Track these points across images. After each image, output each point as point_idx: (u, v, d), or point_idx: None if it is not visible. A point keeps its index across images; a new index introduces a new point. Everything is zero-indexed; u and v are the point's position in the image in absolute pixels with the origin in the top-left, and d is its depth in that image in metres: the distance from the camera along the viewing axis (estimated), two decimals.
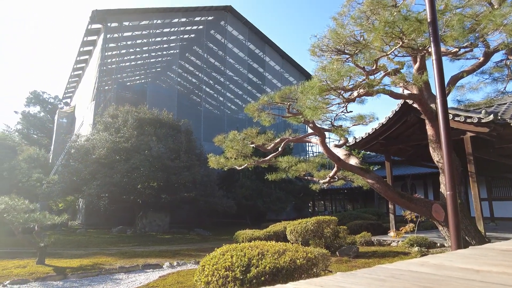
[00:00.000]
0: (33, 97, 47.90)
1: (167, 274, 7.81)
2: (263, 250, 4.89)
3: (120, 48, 29.77)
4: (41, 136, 46.21)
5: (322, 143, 6.61)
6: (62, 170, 19.56)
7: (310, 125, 6.50)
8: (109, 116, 19.74)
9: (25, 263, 8.67)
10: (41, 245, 8.86)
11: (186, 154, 18.60)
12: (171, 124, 20.07)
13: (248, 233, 11.01)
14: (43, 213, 9.10)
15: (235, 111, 42.27)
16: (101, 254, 10.74)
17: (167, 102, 26.15)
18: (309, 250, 5.28)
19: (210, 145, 18.19)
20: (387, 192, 6.38)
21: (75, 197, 21.76)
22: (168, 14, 29.29)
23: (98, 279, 7.50)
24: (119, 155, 17.28)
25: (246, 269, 4.50)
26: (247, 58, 35.39)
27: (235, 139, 7.52)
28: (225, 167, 7.98)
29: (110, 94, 26.89)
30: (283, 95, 6.21)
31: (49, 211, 13.14)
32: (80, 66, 34.44)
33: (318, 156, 9.58)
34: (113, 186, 16.17)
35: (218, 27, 34.25)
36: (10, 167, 24.14)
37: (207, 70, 36.25)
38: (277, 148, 7.35)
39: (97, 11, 24.77)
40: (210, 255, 4.97)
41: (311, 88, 5.47)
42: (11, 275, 7.48)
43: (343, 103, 6.12)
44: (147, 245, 13.35)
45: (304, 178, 8.78)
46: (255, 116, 6.69)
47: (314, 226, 9.52)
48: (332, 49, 6.02)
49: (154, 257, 10.18)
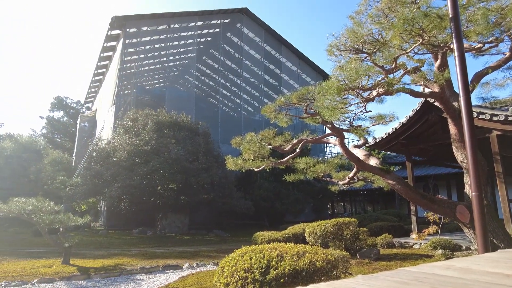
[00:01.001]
0: (56, 103, 49.59)
1: (187, 275, 7.89)
2: (282, 252, 4.86)
3: (139, 53, 30.43)
4: (64, 140, 47.74)
5: (341, 144, 6.52)
6: (84, 173, 20.12)
7: (328, 125, 6.42)
8: (129, 120, 20.16)
9: (51, 263, 8.96)
10: (66, 245, 9.14)
11: (204, 156, 18.78)
12: (189, 126, 20.31)
13: (267, 235, 10.99)
14: (67, 215, 9.39)
15: (251, 113, 42.37)
16: (123, 255, 10.97)
17: (185, 105, 26.48)
18: (329, 252, 5.22)
19: (227, 147, 18.29)
20: (408, 193, 6.23)
21: (97, 199, 22.32)
22: (185, 18, 29.70)
23: (120, 279, 7.66)
24: (139, 157, 17.62)
25: (265, 271, 4.49)
26: (263, 60, 35.43)
27: (252, 140, 7.52)
28: (242, 169, 8.00)
29: (130, 98, 27.49)
30: (300, 96, 6.16)
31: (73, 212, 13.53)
32: (101, 71, 35.38)
33: (337, 157, 9.46)
34: (133, 188, 16.50)
35: (234, 29, 34.46)
36: (37, 170, 25.06)
37: (224, 73, 36.51)
38: (295, 149, 7.30)
39: (116, 17, 25.40)
40: (229, 257, 4.98)
41: (329, 88, 5.41)
42: (39, 274, 7.76)
43: (362, 102, 6.01)
44: (167, 246, 13.54)
45: (323, 180, 8.68)
46: (272, 117, 6.67)
47: (334, 228, 9.41)
48: (350, 48, 5.94)
49: (174, 258, 10.31)
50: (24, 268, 8.27)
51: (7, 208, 8.63)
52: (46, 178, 24.42)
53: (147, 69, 38.25)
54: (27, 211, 8.72)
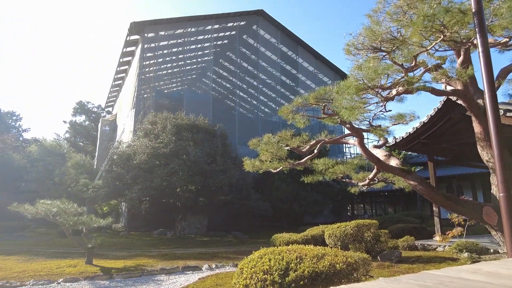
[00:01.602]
0: (79, 107, 51.14)
1: (206, 276, 7.95)
2: (301, 254, 4.82)
3: (157, 57, 30.98)
4: (86, 143, 49.14)
5: (360, 144, 6.41)
6: (106, 175, 20.61)
7: (347, 125, 6.33)
8: (148, 123, 20.54)
9: (76, 263, 9.22)
10: (89, 246, 9.39)
11: (222, 158, 18.90)
12: (207, 129, 20.50)
13: (285, 237, 10.94)
14: (89, 216, 9.66)
15: (268, 114, 42.34)
16: (143, 256, 11.16)
17: (203, 108, 26.76)
18: (349, 254, 5.13)
19: (244, 148, 18.33)
20: (430, 194, 6.05)
21: (118, 201, 22.83)
22: (201, 22, 30.04)
23: (141, 280, 7.79)
24: (159, 160, 17.91)
25: (284, 273, 4.46)
26: (280, 61, 35.39)
27: (270, 142, 7.50)
28: (260, 170, 7.98)
29: (149, 101, 28.02)
30: (317, 96, 6.10)
31: (95, 214, 13.91)
32: (120, 76, 36.24)
33: (356, 157, 9.31)
34: (153, 190, 16.77)
35: (250, 31, 34.59)
36: (61, 173, 25.92)
37: (241, 75, 36.67)
38: (313, 150, 7.23)
39: (135, 23, 25.99)
40: (248, 258, 4.98)
41: (347, 88, 5.33)
42: (64, 273, 8.00)
43: (381, 102, 5.90)
44: (186, 247, 13.68)
45: (342, 181, 8.55)
46: (289, 118, 6.63)
47: (354, 230, 9.26)
48: (368, 47, 5.84)
49: (193, 259, 10.40)
50: (51, 268, 8.55)
51: (34, 210, 8.95)
52: (70, 181, 25.23)
53: (165, 73, 38.90)
54: (53, 213, 9.02)
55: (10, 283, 7.14)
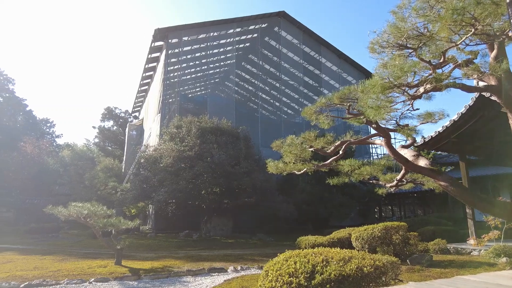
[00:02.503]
0: (107, 113, 53.01)
1: (232, 278, 7.97)
2: (327, 257, 4.75)
3: (181, 62, 31.59)
4: (114, 147, 50.80)
5: (387, 144, 6.23)
6: (133, 179, 21.19)
7: (373, 125, 6.17)
8: (173, 127, 20.96)
9: (106, 263, 9.53)
10: (118, 247, 9.68)
11: (245, 160, 18.97)
12: (230, 131, 20.66)
13: (311, 239, 10.81)
14: (118, 218, 9.95)
15: (291, 116, 42.14)
16: (170, 257, 11.36)
17: (226, 111, 27.02)
18: (377, 257, 5.00)
19: (268, 150, 18.30)
20: (463, 195, 5.78)
21: (145, 203, 23.41)
22: (223, 26, 30.38)
23: (168, 281, 7.93)
24: (184, 163, 18.22)
25: (310, 276, 4.40)
26: (302, 61, 35.16)
27: (293, 143, 7.43)
28: (284, 172, 7.92)
29: (174, 106, 28.61)
30: (342, 96, 5.99)
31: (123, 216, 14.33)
32: (146, 82, 37.24)
33: (383, 158, 9.05)
34: (179, 192, 17.08)
35: (272, 33, 34.61)
36: (91, 176, 26.91)
37: (263, 77, 36.73)
38: (338, 151, 7.09)
39: (159, 29, 26.66)
40: (273, 261, 4.95)
41: (373, 87, 5.20)
42: (95, 273, 8.29)
43: (408, 100, 5.71)
44: (212, 249, 13.81)
45: (369, 182, 8.35)
46: (312, 119, 6.54)
47: (382, 233, 9.02)
48: (393, 44, 5.67)
49: (219, 261, 10.48)
50: (83, 268, 8.88)
51: (67, 212, 9.34)
52: (99, 184, 26.14)
53: (189, 77, 39.60)
54: (84, 215, 9.37)
55: (46, 281, 7.49)
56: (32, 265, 9.37)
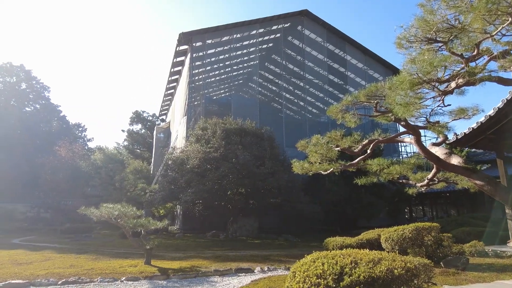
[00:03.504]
0: (135, 117, 54.69)
1: (259, 279, 7.97)
2: (356, 258, 4.64)
3: (205, 65, 32.07)
4: (143, 150, 52.29)
5: (417, 142, 6.01)
6: (161, 180, 21.68)
7: (401, 123, 5.97)
8: (199, 129, 21.28)
9: (136, 263, 9.80)
10: (147, 247, 9.92)
11: (270, 160, 18.94)
12: (255, 132, 20.71)
13: (338, 241, 10.62)
14: (147, 219, 10.21)
15: (316, 115, 41.69)
16: (198, 257, 11.52)
17: (250, 112, 27.12)
18: (408, 259, 4.82)
19: (292, 150, 18.16)
20: (501, 194, 5.47)
21: (173, 204, 23.91)
22: (246, 27, 30.53)
23: (196, 281, 8.04)
24: (210, 164, 18.46)
25: (338, 278, 4.31)
26: (327, 59, 34.70)
27: (319, 143, 7.31)
28: (309, 172, 7.81)
29: (199, 108, 29.06)
30: (368, 93, 5.83)
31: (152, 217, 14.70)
32: (172, 86, 38.06)
33: (413, 156, 8.73)
34: (205, 193, 17.31)
35: (295, 32, 34.40)
36: (121, 178, 27.85)
37: (286, 77, 36.58)
38: (365, 150, 6.91)
39: (183, 33, 27.17)
40: (301, 262, 4.90)
41: (401, 83, 5.03)
42: (126, 272, 8.54)
43: (438, 96, 5.48)
44: (238, 250, 13.88)
45: (398, 182, 8.08)
46: (338, 118, 6.41)
47: (413, 234, 8.71)
48: (421, 38, 5.46)
49: (246, 262, 10.51)
50: (114, 267, 9.18)
51: (98, 213, 9.69)
52: (129, 186, 26.99)
53: (213, 80, 40.11)
54: (114, 216, 9.69)
55: (81, 279, 7.81)
56: (68, 263, 9.80)
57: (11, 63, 38.60)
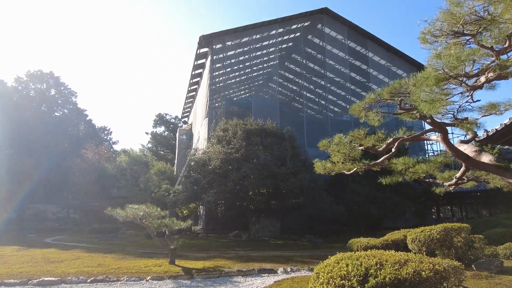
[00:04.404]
0: (158, 119, 55.89)
1: (282, 280, 7.94)
2: (381, 259, 4.53)
3: (226, 67, 32.30)
4: (166, 152, 53.33)
5: (444, 140, 5.79)
6: (184, 181, 22.01)
7: (427, 120, 5.77)
8: (220, 130, 21.46)
9: (160, 263, 9.99)
10: (171, 247, 10.09)
11: (292, 160, 18.83)
12: (275, 132, 20.66)
13: (363, 242, 10.40)
14: (171, 219, 10.40)
15: (338, 114, 41.14)
16: (220, 257, 11.61)
17: (270, 112, 27.09)
18: (437, 261, 4.66)
19: (314, 150, 17.98)
20: None
21: (196, 204, 24.24)
22: (265, 28, 30.52)
23: (219, 281, 8.10)
24: (231, 164, 18.56)
25: (363, 279, 4.22)
26: (348, 57, 34.16)
27: (341, 142, 7.18)
28: (332, 172, 7.68)
29: (220, 110, 29.33)
30: (392, 90, 5.67)
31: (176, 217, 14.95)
32: (193, 88, 38.60)
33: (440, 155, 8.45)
34: (227, 194, 17.43)
35: (315, 31, 34.08)
36: (145, 179, 28.51)
37: (307, 76, 36.30)
38: (390, 149, 6.72)
39: (203, 36, 27.50)
40: (324, 263, 4.84)
41: (426, 79, 4.86)
42: (151, 272, 8.73)
43: (467, 91, 5.25)
44: (261, 250, 13.88)
45: (425, 181, 7.81)
46: (361, 116, 6.27)
47: (441, 235, 8.40)
48: (447, 32, 5.25)
49: (268, 262, 10.49)
50: (140, 266, 9.40)
51: (124, 214, 9.95)
52: (153, 187, 27.60)
53: (233, 81, 40.36)
54: (139, 216, 9.92)
55: (109, 278, 8.06)
56: (96, 262, 10.12)
57: (42, 70, 40.35)
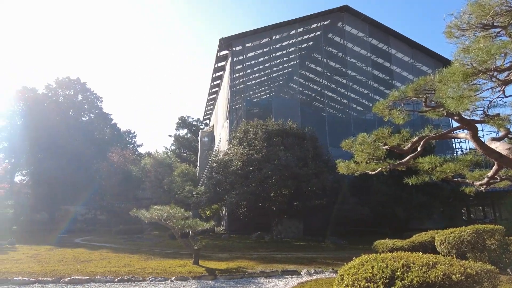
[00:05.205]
0: (181, 122, 56.83)
1: (306, 281, 7.86)
2: (408, 261, 4.39)
3: (246, 69, 32.42)
4: (189, 154, 54.12)
5: (474, 138, 5.55)
6: (207, 182, 22.25)
7: (455, 117, 5.55)
8: (241, 132, 21.54)
9: (184, 263, 10.13)
10: (195, 248, 10.21)
11: (314, 161, 18.64)
12: (296, 132, 20.52)
13: (389, 243, 10.14)
14: (195, 220, 10.53)
15: (361, 112, 40.39)
16: (243, 258, 11.64)
17: (291, 112, 26.91)
18: (468, 264, 4.47)
19: (337, 150, 17.69)
20: None
21: (219, 205, 24.42)
22: (285, 28, 30.40)
23: (243, 282, 8.12)
24: (253, 166, 18.60)
25: (389, 282, 4.11)
26: (370, 54, 33.49)
27: (365, 141, 7.02)
28: (356, 173, 7.53)
29: (241, 111, 29.44)
30: (417, 88, 5.49)
31: (199, 218, 15.15)
32: (214, 91, 39.00)
33: (469, 153, 8.09)
34: (249, 195, 17.46)
35: (335, 29, 33.64)
36: (169, 181, 29.03)
37: (328, 75, 35.87)
38: (416, 148, 6.51)
39: (223, 39, 27.72)
40: (349, 265, 4.75)
41: (452, 75, 4.68)
42: (175, 272, 8.87)
43: (498, 86, 5.02)
44: (283, 251, 13.81)
45: (453, 181, 7.51)
46: (385, 114, 6.12)
47: (472, 237, 8.05)
48: (475, 25, 5.04)
49: (292, 264, 10.42)
50: (164, 267, 9.57)
51: (149, 215, 10.17)
52: (177, 188, 28.06)
53: (254, 82, 40.45)
54: (164, 217, 10.11)
55: (135, 277, 8.26)
56: (122, 262, 10.39)
57: (69, 77, 41.93)
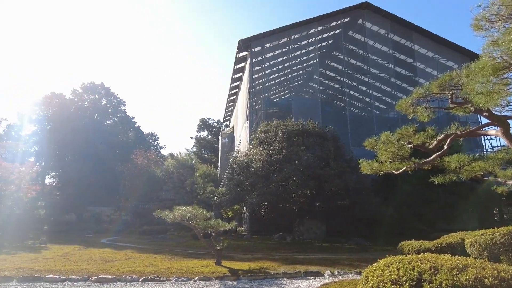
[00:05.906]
0: (201, 124, 57.60)
1: (329, 283, 7.75)
2: (436, 264, 4.24)
3: (265, 69, 32.42)
4: (210, 155, 54.72)
5: (505, 135, 5.30)
6: (228, 183, 22.37)
7: (484, 114, 5.33)
8: (261, 132, 21.53)
9: (207, 263, 10.22)
10: (218, 248, 10.28)
11: (335, 161, 18.37)
12: (317, 132, 20.29)
13: (415, 244, 9.83)
14: (217, 221, 10.61)
15: (384, 110, 39.54)
16: (265, 259, 11.61)
17: (311, 112, 26.67)
18: (502, 267, 4.26)
19: (359, 149, 17.38)
20: None
21: (240, 206, 24.50)
22: (304, 27, 30.18)
23: (265, 283, 8.10)
24: (273, 166, 18.54)
25: (416, 284, 3.99)
26: (392, 51, 32.69)
27: (388, 140, 6.85)
28: (379, 172, 7.36)
29: (260, 112, 29.47)
30: (442, 84, 5.31)
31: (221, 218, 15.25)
32: (234, 92, 39.22)
33: (500, 151, 7.73)
34: (270, 195, 17.41)
35: (355, 26, 33.08)
36: (191, 182, 29.42)
37: (349, 73, 35.32)
38: (442, 146, 6.29)
39: (242, 40, 27.83)
40: (373, 266, 4.64)
41: (481, 69, 4.49)
42: (198, 272, 8.96)
43: None
44: (306, 252, 13.68)
45: (483, 179, 7.21)
46: (409, 112, 5.95)
47: (505, 238, 7.66)
48: (505, 16, 4.82)
49: (314, 265, 10.30)
50: (188, 267, 9.68)
51: (172, 215, 10.33)
52: (199, 189, 28.40)
53: (273, 83, 40.39)
54: (186, 218, 10.24)
55: (159, 277, 8.41)
56: (147, 262, 10.61)
57: (94, 82, 43.42)
